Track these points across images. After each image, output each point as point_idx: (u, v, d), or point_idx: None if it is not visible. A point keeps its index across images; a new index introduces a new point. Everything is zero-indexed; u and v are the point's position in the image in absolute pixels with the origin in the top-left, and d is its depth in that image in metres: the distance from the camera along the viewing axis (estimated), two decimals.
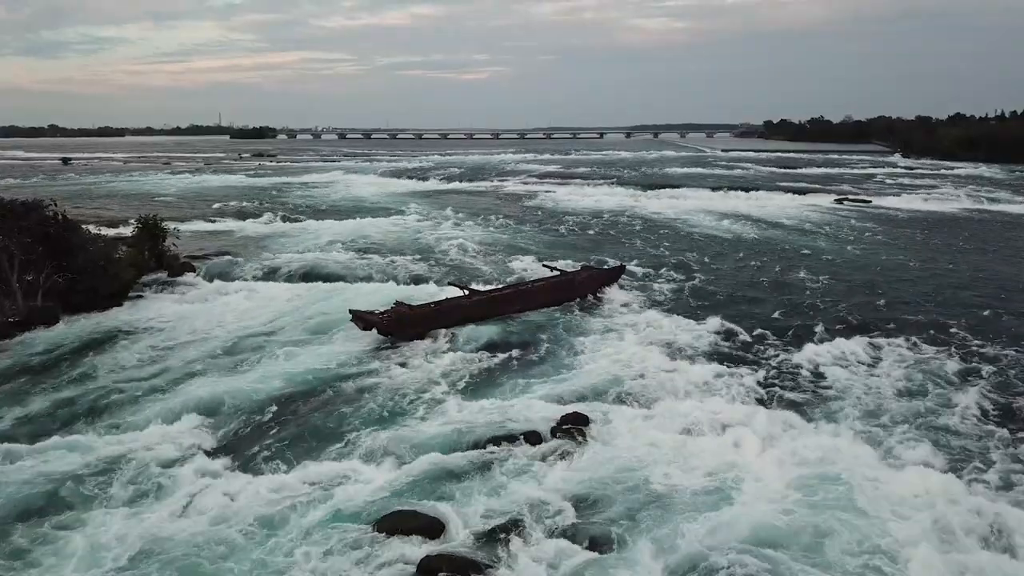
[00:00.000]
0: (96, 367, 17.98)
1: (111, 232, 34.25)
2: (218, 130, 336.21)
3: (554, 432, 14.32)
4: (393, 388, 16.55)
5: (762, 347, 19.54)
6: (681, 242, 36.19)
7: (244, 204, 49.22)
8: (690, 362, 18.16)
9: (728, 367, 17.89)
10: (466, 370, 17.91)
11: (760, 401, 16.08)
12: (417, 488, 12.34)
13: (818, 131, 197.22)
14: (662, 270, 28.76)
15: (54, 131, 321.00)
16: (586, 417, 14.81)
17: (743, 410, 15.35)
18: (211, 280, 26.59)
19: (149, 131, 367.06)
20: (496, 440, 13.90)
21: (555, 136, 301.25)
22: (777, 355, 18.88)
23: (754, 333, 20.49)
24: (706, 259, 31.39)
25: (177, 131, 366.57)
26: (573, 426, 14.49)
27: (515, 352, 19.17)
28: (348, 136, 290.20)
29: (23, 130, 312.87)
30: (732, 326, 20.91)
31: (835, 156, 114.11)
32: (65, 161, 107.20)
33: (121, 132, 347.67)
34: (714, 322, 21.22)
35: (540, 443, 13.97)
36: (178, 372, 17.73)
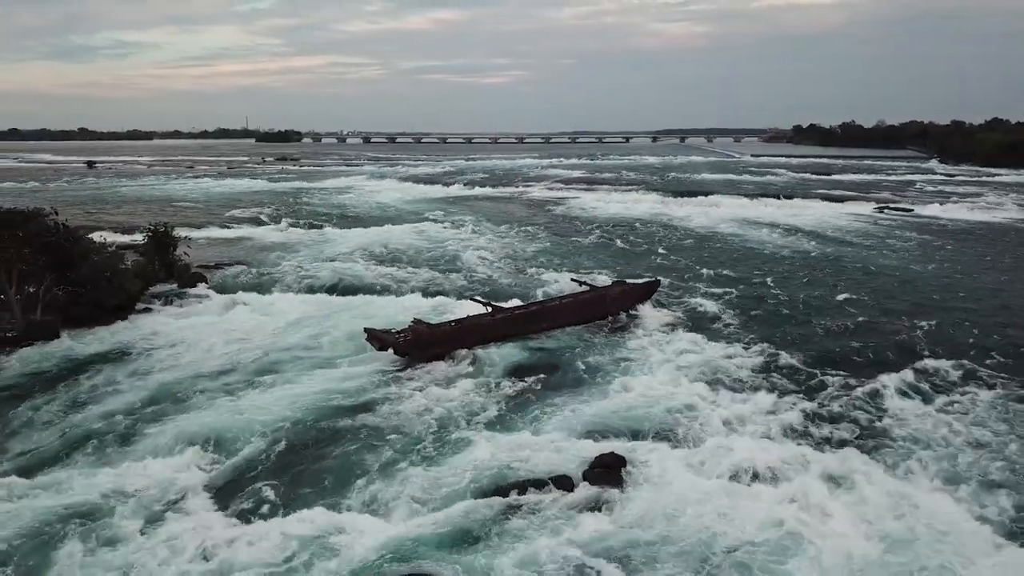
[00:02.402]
0: (91, 391, 16.70)
1: (125, 239, 33.26)
2: (244, 133, 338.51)
3: (587, 476, 12.72)
4: (407, 420, 15.02)
5: (814, 376, 17.72)
6: (716, 253, 34.35)
7: (263, 210, 48.19)
8: (736, 393, 16.45)
9: (778, 399, 16.17)
10: (488, 398, 16.34)
11: (817, 441, 14.33)
12: (433, 544, 10.82)
13: (849, 136, 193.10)
14: (698, 285, 26.96)
15: (84, 134, 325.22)
16: (623, 459, 13.19)
17: (798, 452, 13.63)
18: (221, 292, 25.30)
19: (177, 134, 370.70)
20: (522, 486, 12.34)
21: (580, 140, 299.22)
22: (832, 385, 17.07)
23: (805, 359, 18.69)
24: (744, 273, 29.54)
25: (204, 134, 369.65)
26: (608, 469, 12.88)
27: (542, 377, 17.58)
28: (373, 140, 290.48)
29: (54, 133, 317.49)
30: (780, 352, 19.14)
31: (869, 162, 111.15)
32: (90, 165, 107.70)
33: (149, 135, 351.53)
34: (760, 347, 19.49)
35: (572, 489, 12.40)
36: (177, 397, 16.38)
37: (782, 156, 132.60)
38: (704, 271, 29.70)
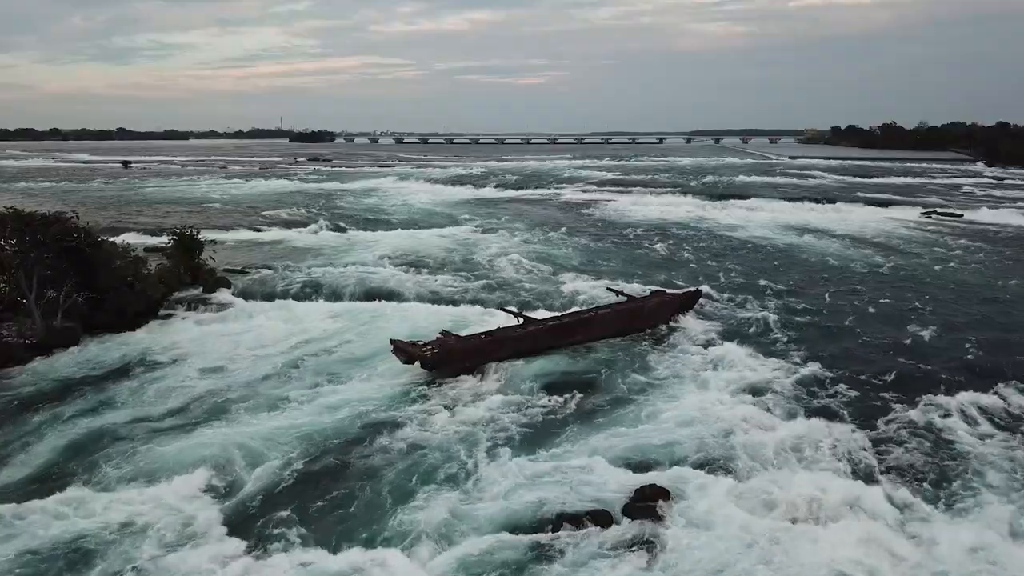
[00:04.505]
0: (107, 404, 16.01)
1: (153, 241, 32.86)
2: (279, 134, 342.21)
3: (627, 511, 11.66)
4: (433, 442, 14.07)
5: (870, 398, 16.44)
6: (757, 260, 32.96)
7: (292, 212, 47.70)
8: (787, 418, 15.23)
9: (833, 424, 14.91)
10: (519, 418, 15.31)
11: (878, 476, 13.07)
12: None
13: (890, 138, 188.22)
14: (741, 295, 25.64)
15: (122, 134, 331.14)
16: (666, 491, 12.13)
17: (859, 488, 12.37)
18: (246, 298, 24.63)
19: (213, 134, 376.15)
20: (557, 521, 11.34)
21: (613, 141, 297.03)
22: (890, 410, 15.76)
23: (859, 379, 17.42)
24: (788, 281, 28.16)
25: (240, 135, 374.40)
26: (650, 503, 11.81)
27: (577, 395, 16.53)
28: (405, 141, 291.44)
29: (93, 133, 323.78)
30: (831, 370, 17.88)
31: (912, 164, 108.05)
32: (125, 164, 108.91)
33: (186, 135, 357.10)
34: (810, 364, 18.22)
35: (611, 525, 11.35)
36: (196, 412, 15.63)
37: (821, 158, 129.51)
38: (745, 280, 28.38)
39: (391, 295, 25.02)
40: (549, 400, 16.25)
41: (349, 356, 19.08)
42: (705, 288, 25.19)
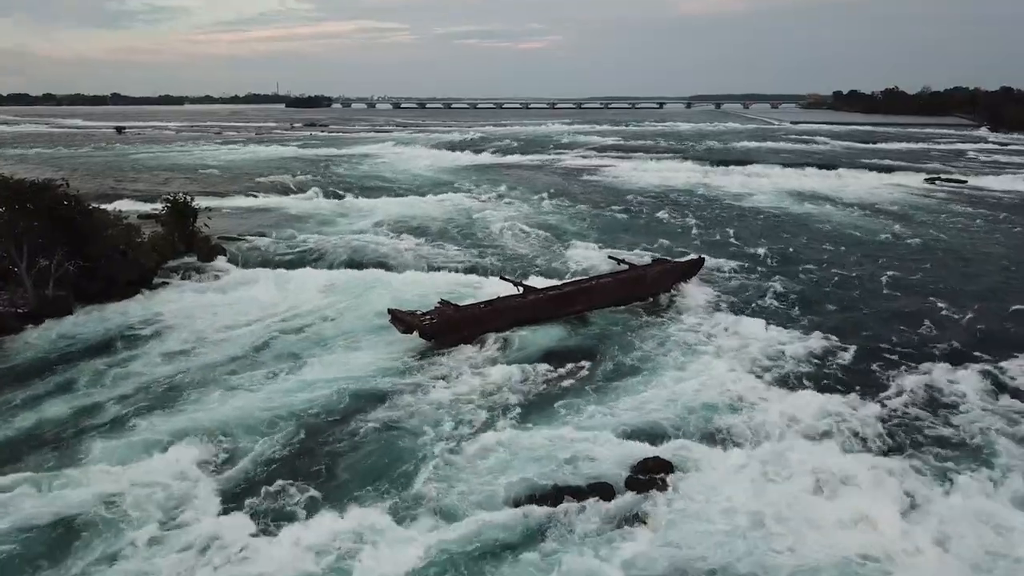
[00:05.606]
0: (99, 375, 15.72)
1: (147, 208, 32.40)
2: (275, 99, 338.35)
3: (629, 483, 11.45)
4: (432, 413, 13.83)
5: (875, 368, 16.20)
6: (761, 228, 32.52)
7: (289, 178, 47.03)
8: (792, 387, 15.01)
9: (837, 395, 14.70)
10: (519, 389, 15.08)
11: (883, 446, 12.87)
12: (462, 560, 9.73)
13: (893, 103, 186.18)
14: (745, 263, 25.29)
15: (116, 99, 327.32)
16: (668, 464, 11.92)
17: (867, 461, 12.20)
18: (242, 266, 24.24)
19: (208, 99, 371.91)
20: (558, 493, 11.13)
21: (613, 106, 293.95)
22: (896, 380, 15.53)
23: (863, 348, 17.17)
24: (792, 250, 27.78)
25: (235, 100, 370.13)
26: (653, 476, 11.60)
27: (577, 365, 16.29)
28: (403, 106, 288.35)
29: (87, 98, 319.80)
30: (835, 339, 17.62)
31: (914, 130, 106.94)
32: (119, 130, 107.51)
33: (181, 101, 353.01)
34: (814, 333, 17.97)
35: (613, 498, 11.13)
36: (188, 382, 15.38)
37: (823, 123, 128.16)
38: (748, 247, 28.01)
39: (388, 263, 24.64)
40: (549, 370, 15.99)
41: (346, 325, 18.77)
42: (707, 256, 24.79)
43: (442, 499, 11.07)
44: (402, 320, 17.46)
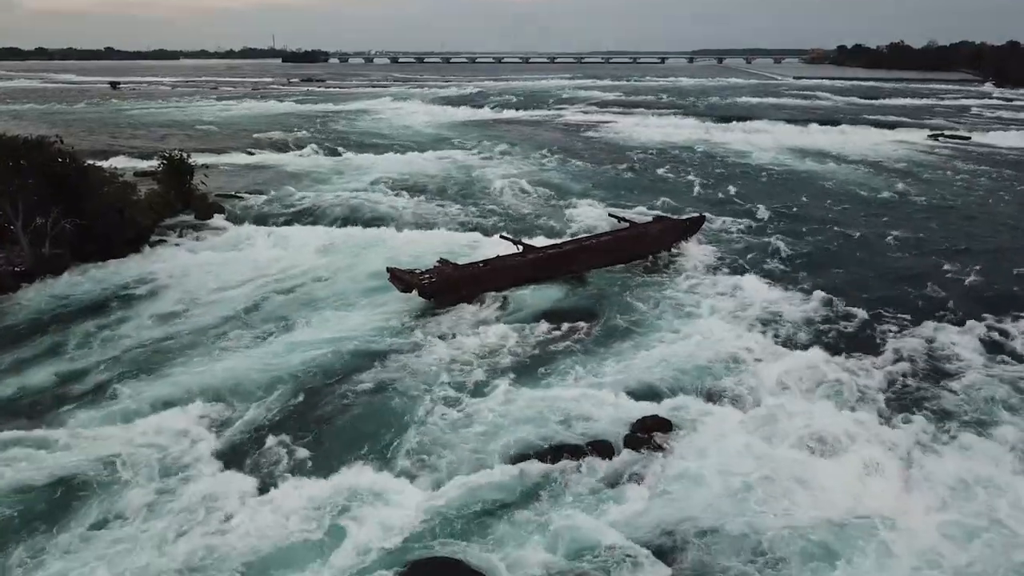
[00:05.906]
0: (96, 334, 15.70)
1: (143, 165, 32.11)
2: (271, 53, 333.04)
3: (628, 441, 11.49)
4: (431, 372, 13.82)
5: (880, 328, 16.14)
6: (763, 185, 32.25)
7: (286, 134, 46.51)
8: (792, 348, 14.98)
9: (836, 354, 14.69)
10: (519, 347, 15.05)
11: (881, 405, 12.86)
12: (458, 518, 9.76)
13: (898, 58, 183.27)
14: (746, 220, 25.13)
15: (110, 54, 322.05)
16: (668, 422, 11.96)
17: (866, 419, 12.22)
18: (239, 224, 24.06)
19: (204, 54, 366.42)
20: (556, 451, 11.16)
21: (614, 60, 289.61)
22: (895, 340, 15.50)
23: (864, 307, 17.09)
24: (794, 207, 27.57)
25: (231, 54, 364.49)
26: (652, 434, 11.63)
27: (577, 324, 16.23)
28: (400, 60, 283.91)
29: (80, 52, 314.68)
30: (836, 297, 17.55)
31: (919, 85, 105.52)
32: (114, 86, 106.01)
33: (176, 55, 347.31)
34: (815, 292, 17.90)
35: (611, 456, 11.18)
36: (185, 341, 15.37)
37: (826, 79, 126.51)
38: (749, 204, 27.79)
39: (387, 221, 24.47)
40: (549, 329, 15.95)
41: (345, 284, 18.69)
42: (708, 214, 24.61)
43: (438, 458, 11.11)
44: (401, 279, 17.37)
